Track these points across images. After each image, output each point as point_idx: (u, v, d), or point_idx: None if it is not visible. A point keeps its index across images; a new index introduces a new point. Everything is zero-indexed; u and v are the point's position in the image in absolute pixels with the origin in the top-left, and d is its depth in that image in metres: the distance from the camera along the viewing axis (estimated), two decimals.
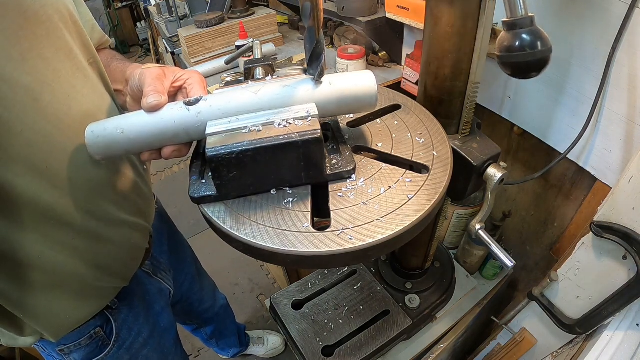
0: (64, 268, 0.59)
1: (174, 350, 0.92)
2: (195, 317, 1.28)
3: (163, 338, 0.86)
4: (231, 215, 0.47)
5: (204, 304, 1.25)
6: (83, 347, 0.69)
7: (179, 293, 1.04)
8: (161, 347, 0.85)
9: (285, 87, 0.49)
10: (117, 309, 0.72)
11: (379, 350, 0.92)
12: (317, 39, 0.45)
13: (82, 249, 0.60)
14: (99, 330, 0.70)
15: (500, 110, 1.04)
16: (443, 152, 0.55)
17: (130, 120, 0.48)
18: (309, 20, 0.44)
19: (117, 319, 0.72)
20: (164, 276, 0.88)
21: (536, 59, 0.48)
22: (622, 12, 0.66)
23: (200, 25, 1.61)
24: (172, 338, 0.92)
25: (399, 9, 1.13)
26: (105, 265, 0.65)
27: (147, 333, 0.79)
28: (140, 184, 0.72)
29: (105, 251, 0.64)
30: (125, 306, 0.74)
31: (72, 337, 0.67)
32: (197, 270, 1.18)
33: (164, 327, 0.86)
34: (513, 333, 1.03)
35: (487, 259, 1.10)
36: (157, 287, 0.85)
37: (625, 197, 0.66)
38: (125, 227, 0.67)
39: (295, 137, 0.44)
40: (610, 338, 0.74)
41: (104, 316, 0.70)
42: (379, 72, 1.41)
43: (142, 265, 0.78)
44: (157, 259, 0.86)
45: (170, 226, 1.01)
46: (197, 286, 1.17)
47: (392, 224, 0.45)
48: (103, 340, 0.71)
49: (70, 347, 0.68)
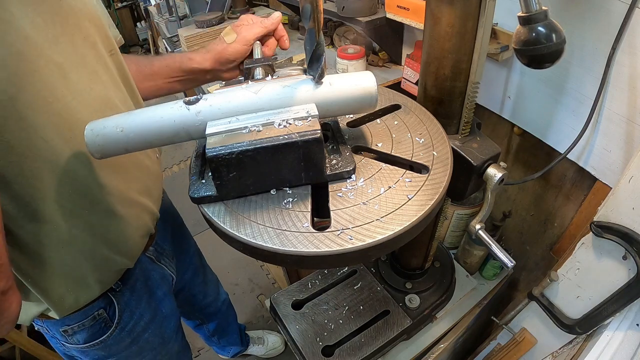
0: (75, 242, 0.60)
1: (174, 337, 0.93)
2: (198, 311, 1.29)
3: (164, 324, 0.87)
4: (231, 215, 0.47)
5: (208, 298, 1.26)
6: (86, 328, 0.70)
7: (181, 281, 1.05)
8: (162, 333, 0.87)
9: (285, 87, 0.49)
10: (120, 291, 0.73)
11: (379, 350, 0.92)
12: (317, 41, 0.45)
13: (94, 224, 0.62)
14: (102, 311, 0.71)
15: (500, 110, 1.04)
16: (443, 152, 0.55)
17: (129, 119, 0.48)
18: (309, 22, 0.44)
19: (120, 302, 0.74)
20: (167, 263, 0.89)
21: (551, 51, 0.51)
22: (622, 12, 0.66)
23: (200, 25, 1.61)
24: (174, 325, 0.93)
25: (399, 9, 1.13)
26: (115, 243, 0.66)
27: (148, 317, 0.81)
28: (149, 164, 0.75)
29: (116, 228, 0.66)
30: (128, 289, 0.75)
31: (76, 318, 0.69)
32: (201, 263, 1.19)
33: (166, 314, 0.87)
34: (513, 333, 1.03)
35: (487, 259, 1.10)
36: (159, 273, 0.86)
37: (625, 197, 0.66)
38: (135, 206, 0.69)
39: (295, 137, 0.44)
40: (610, 338, 0.74)
41: (107, 298, 0.71)
42: (379, 72, 1.41)
43: (146, 250, 0.79)
44: (161, 245, 0.88)
45: (175, 218, 1.02)
46: (200, 278, 1.18)
47: (392, 224, 0.45)
48: (106, 322, 0.72)
49: (73, 328, 0.70)
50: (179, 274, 1.00)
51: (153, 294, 0.83)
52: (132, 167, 0.69)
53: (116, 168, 0.64)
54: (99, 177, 0.61)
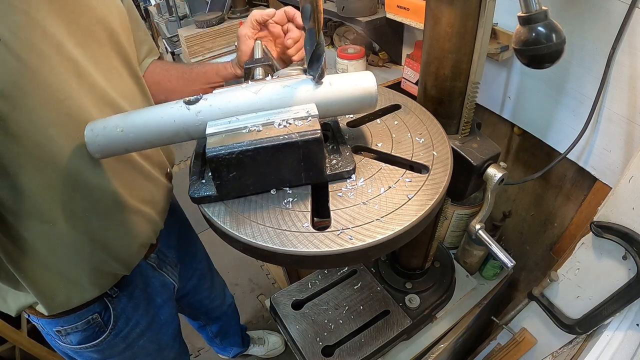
0: (73, 242, 0.60)
1: (171, 344, 0.93)
2: (203, 314, 1.29)
3: (161, 331, 0.87)
4: (231, 215, 0.47)
5: (214, 302, 1.26)
6: (80, 331, 0.71)
7: (185, 288, 1.05)
8: (158, 340, 0.86)
9: (285, 87, 0.49)
10: (116, 297, 0.73)
11: (379, 350, 0.92)
12: (317, 41, 0.45)
13: (94, 227, 0.62)
14: (97, 316, 0.71)
15: (500, 110, 1.04)
16: (443, 152, 0.55)
17: (129, 119, 0.48)
18: (309, 22, 0.44)
19: (116, 308, 0.74)
20: (168, 270, 0.89)
21: (551, 51, 0.51)
22: (622, 12, 0.66)
23: (200, 25, 1.61)
24: (172, 332, 0.92)
25: (399, 9, 1.13)
26: (112, 248, 0.66)
27: (145, 324, 0.81)
28: (157, 175, 0.75)
29: (115, 234, 0.66)
30: (125, 296, 0.75)
31: (70, 320, 0.69)
32: (209, 268, 1.18)
33: (164, 321, 0.87)
34: (513, 333, 1.03)
35: (487, 259, 1.10)
36: (160, 280, 0.85)
37: (625, 197, 0.66)
38: (137, 214, 0.69)
39: (295, 137, 0.44)
40: (610, 338, 0.74)
41: (103, 303, 0.72)
42: (379, 72, 1.41)
43: (147, 257, 0.79)
44: (164, 252, 0.87)
45: (182, 222, 1.01)
46: (208, 283, 1.17)
47: (392, 223, 0.45)
48: (100, 326, 0.73)
49: (67, 330, 0.70)
50: (184, 279, 0.99)
51: (152, 301, 0.82)
52: (137, 175, 0.68)
53: (121, 174, 0.64)
54: (103, 180, 0.60)
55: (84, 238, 0.61)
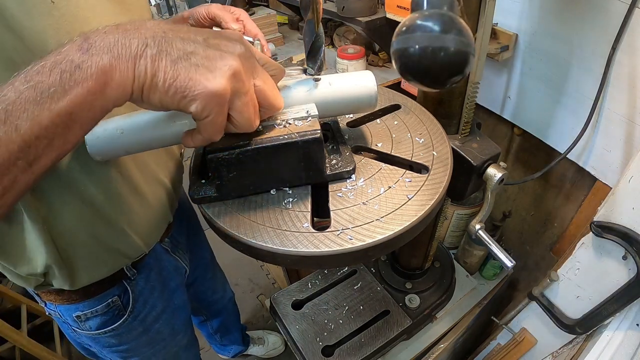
0: (102, 212, 0.60)
1: (184, 330, 0.94)
2: (205, 307, 1.30)
3: (175, 315, 0.88)
4: (231, 215, 0.47)
5: (216, 294, 1.27)
6: (99, 315, 0.71)
7: (192, 275, 1.06)
8: (172, 324, 0.87)
9: (285, 87, 0.49)
10: (134, 280, 0.74)
11: (379, 350, 0.92)
12: (316, 32, 0.45)
13: (123, 198, 0.62)
14: (117, 299, 0.72)
15: (501, 110, 1.04)
16: (443, 152, 0.55)
17: (130, 121, 0.48)
18: (309, 13, 0.44)
19: (134, 290, 0.74)
20: (181, 255, 0.90)
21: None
22: (622, 12, 0.66)
23: None
24: (184, 317, 0.93)
25: (399, 9, 1.13)
26: (136, 221, 0.66)
27: (160, 308, 0.81)
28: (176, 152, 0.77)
29: (140, 207, 0.66)
30: (142, 278, 0.75)
31: (90, 304, 0.69)
32: (211, 259, 1.20)
33: (177, 305, 0.88)
34: (513, 333, 1.03)
35: (487, 259, 1.10)
36: (173, 264, 0.86)
37: (625, 197, 0.66)
38: (160, 186, 0.70)
39: (295, 138, 0.44)
40: (610, 338, 0.74)
41: (122, 286, 0.72)
42: (379, 72, 1.41)
43: (162, 241, 0.80)
44: (176, 237, 0.88)
45: (190, 212, 1.03)
46: (210, 274, 1.19)
47: (392, 224, 0.45)
48: (119, 309, 0.73)
49: (87, 314, 0.70)
50: (191, 267, 1.01)
51: (166, 285, 0.83)
52: (163, 151, 0.71)
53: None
54: None
55: (110, 205, 0.61)
